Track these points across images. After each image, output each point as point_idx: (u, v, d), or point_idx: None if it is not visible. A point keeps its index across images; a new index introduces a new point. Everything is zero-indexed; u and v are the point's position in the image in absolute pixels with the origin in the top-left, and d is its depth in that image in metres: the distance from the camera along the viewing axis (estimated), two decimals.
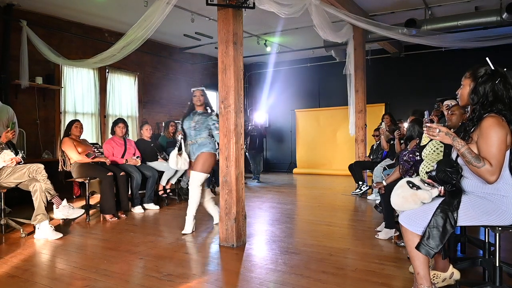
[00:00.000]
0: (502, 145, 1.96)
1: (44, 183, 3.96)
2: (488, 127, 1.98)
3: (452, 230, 2.01)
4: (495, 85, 2.05)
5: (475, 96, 2.10)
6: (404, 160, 3.71)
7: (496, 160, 1.95)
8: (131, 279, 2.78)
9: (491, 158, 1.96)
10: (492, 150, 1.96)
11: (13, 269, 2.98)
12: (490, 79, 2.07)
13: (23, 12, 6.46)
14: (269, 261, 3.14)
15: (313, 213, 5.27)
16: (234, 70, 3.55)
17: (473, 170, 2.00)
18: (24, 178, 3.98)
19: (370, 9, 6.98)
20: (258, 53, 9.57)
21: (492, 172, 1.96)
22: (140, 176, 5.28)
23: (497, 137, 1.96)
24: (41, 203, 3.90)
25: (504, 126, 1.98)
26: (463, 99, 2.20)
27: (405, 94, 9.38)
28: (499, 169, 1.97)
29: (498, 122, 1.98)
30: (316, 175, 10.23)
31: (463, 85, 2.19)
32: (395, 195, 2.17)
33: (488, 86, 2.06)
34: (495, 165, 1.95)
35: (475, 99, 2.09)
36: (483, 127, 2.00)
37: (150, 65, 8.97)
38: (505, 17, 6.00)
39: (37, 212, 3.89)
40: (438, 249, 1.99)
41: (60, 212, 4.21)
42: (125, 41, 4.38)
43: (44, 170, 4.01)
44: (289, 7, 4.40)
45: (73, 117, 7.10)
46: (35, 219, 3.87)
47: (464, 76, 2.20)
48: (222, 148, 3.64)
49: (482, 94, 2.07)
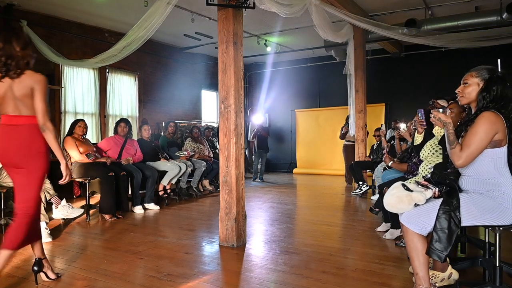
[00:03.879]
0: (483, 138, 2.01)
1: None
2: (481, 118, 2.03)
3: (458, 230, 2.02)
4: (504, 87, 2.09)
5: (487, 95, 2.10)
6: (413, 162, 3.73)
7: (468, 147, 2.03)
8: (131, 279, 2.78)
9: (466, 144, 2.04)
10: (471, 138, 2.03)
11: (13, 269, 2.98)
12: (502, 81, 2.10)
13: (23, 12, 6.46)
14: (269, 261, 3.14)
15: (313, 213, 5.27)
16: (234, 70, 3.55)
17: (448, 151, 2.12)
18: None
19: (370, 9, 6.98)
20: (258, 53, 9.58)
21: (459, 156, 2.05)
22: (140, 175, 5.28)
23: (482, 130, 2.01)
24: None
25: (496, 124, 2.01)
26: (467, 97, 2.19)
27: (405, 94, 9.38)
28: (468, 157, 2.03)
29: (492, 118, 2.01)
30: (316, 175, 10.23)
31: (469, 83, 2.18)
32: (390, 195, 2.19)
33: (500, 87, 2.08)
34: (465, 151, 2.03)
35: (487, 98, 2.09)
36: (477, 118, 2.05)
37: (150, 65, 8.97)
38: (505, 17, 6.00)
39: None
40: (448, 251, 1.99)
41: (59, 212, 4.21)
42: (125, 41, 4.39)
43: None
44: (289, 7, 4.40)
45: (74, 117, 7.09)
46: None
47: (469, 74, 2.19)
48: (222, 148, 3.65)
49: (495, 94, 2.08)
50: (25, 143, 2.42)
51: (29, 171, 2.43)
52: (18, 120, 2.42)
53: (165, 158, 6.10)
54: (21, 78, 2.40)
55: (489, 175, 2.05)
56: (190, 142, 7.29)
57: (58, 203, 4.18)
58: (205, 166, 6.70)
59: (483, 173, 2.07)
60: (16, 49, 2.41)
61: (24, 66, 2.43)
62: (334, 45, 7.90)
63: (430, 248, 2.02)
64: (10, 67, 2.37)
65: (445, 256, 2.00)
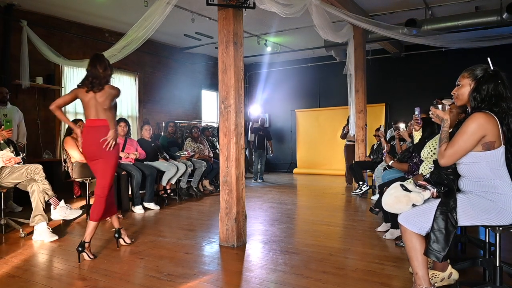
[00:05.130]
0: (467, 138, 1.99)
1: (42, 184, 3.93)
2: (469, 119, 2.01)
3: (455, 230, 2.01)
4: (498, 85, 2.04)
5: (477, 95, 2.07)
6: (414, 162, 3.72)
7: (452, 147, 2.03)
8: (131, 279, 2.78)
9: (451, 143, 2.04)
10: (457, 138, 2.02)
11: (13, 269, 2.99)
12: (492, 79, 2.06)
13: (23, 12, 6.46)
14: (269, 261, 3.14)
15: (313, 213, 5.27)
16: (234, 70, 3.55)
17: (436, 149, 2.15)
18: (22, 178, 3.96)
19: (370, 9, 6.98)
20: (258, 53, 9.58)
21: (442, 155, 2.06)
22: (140, 174, 5.28)
23: (468, 130, 1.99)
24: (39, 203, 3.86)
25: (485, 125, 1.97)
26: (461, 98, 2.19)
27: (405, 94, 9.38)
28: (451, 156, 2.04)
29: (481, 119, 1.98)
30: (316, 175, 10.23)
31: (461, 85, 2.17)
32: (388, 195, 2.19)
33: (491, 86, 2.04)
34: (449, 150, 2.03)
35: (478, 98, 2.07)
36: (467, 119, 2.03)
37: (150, 65, 8.97)
38: (505, 17, 6.00)
39: (35, 213, 3.84)
40: (445, 251, 1.99)
41: (57, 213, 4.19)
42: (125, 41, 4.39)
43: (42, 170, 3.99)
44: (289, 7, 4.40)
45: (74, 117, 7.10)
46: (33, 220, 3.81)
47: (462, 76, 2.18)
48: (222, 148, 3.64)
49: (486, 93, 2.05)
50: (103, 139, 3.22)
51: (106, 161, 3.24)
52: (99, 123, 3.24)
53: (164, 158, 6.10)
54: (101, 91, 3.22)
55: (485, 177, 2.04)
56: (190, 142, 7.30)
57: (57, 204, 4.15)
58: (205, 166, 6.70)
59: (479, 175, 2.05)
60: (99, 71, 3.23)
61: (104, 83, 3.26)
62: (334, 45, 7.90)
63: (428, 248, 2.02)
64: (94, 84, 3.20)
65: (443, 256, 2.00)
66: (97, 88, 3.20)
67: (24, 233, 3.94)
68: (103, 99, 3.21)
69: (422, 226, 2.07)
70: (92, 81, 3.21)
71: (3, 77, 6.07)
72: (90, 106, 3.23)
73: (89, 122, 3.27)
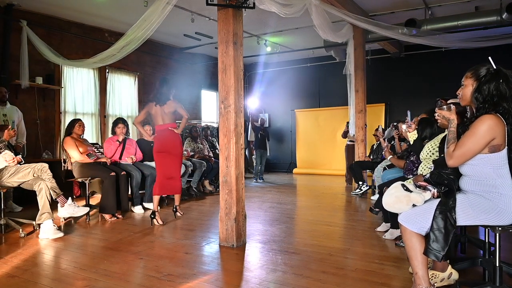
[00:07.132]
0: (477, 141, 1.98)
1: (49, 182, 4.02)
2: (479, 121, 1.99)
3: (454, 230, 2.01)
4: (499, 84, 2.02)
5: (479, 95, 2.06)
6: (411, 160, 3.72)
7: (460, 148, 2.01)
8: (131, 279, 2.78)
9: (459, 145, 2.03)
10: (465, 140, 2.01)
11: (13, 269, 2.98)
12: (494, 78, 2.04)
13: (23, 12, 6.46)
14: (269, 261, 3.14)
15: (313, 213, 5.27)
16: (234, 70, 3.55)
17: (445, 149, 2.12)
18: (29, 177, 4.01)
19: (370, 9, 6.98)
20: (258, 53, 9.57)
21: (451, 155, 2.05)
22: (140, 174, 5.28)
23: (478, 132, 1.97)
24: (46, 202, 3.92)
25: (495, 128, 1.96)
26: (465, 99, 2.18)
27: (405, 94, 9.38)
28: (459, 157, 2.02)
29: (492, 122, 1.96)
30: (316, 175, 10.23)
31: (465, 85, 2.17)
32: (388, 195, 2.19)
33: (492, 85, 2.03)
34: (457, 151, 2.02)
35: (480, 98, 2.06)
36: (477, 120, 2.01)
37: (150, 65, 8.97)
38: (505, 17, 6.00)
39: (42, 211, 3.90)
40: (445, 251, 1.99)
41: (65, 210, 4.26)
42: (125, 41, 4.38)
43: (48, 169, 4.08)
44: (289, 7, 4.40)
45: (73, 117, 7.09)
46: (40, 218, 3.89)
47: (465, 76, 2.17)
48: (222, 148, 3.64)
49: (487, 93, 2.04)
50: (174, 138, 4.51)
51: (175, 155, 4.51)
52: (167, 126, 4.48)
53: None
54: (166, 105, 4.47)
55: (487, 176, 2.04)
56: (190, 142, 7.29)
57: (64, 202, 4.24)
58: (205, 166, 6.70)
59: (481, 174, 2.05)
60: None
61: (167, 99, 4.49)
62: (334, 45, 7.90)
63: (428, 248, 2.02)
64: (166, 101, 4.50)
65: (443, 256, 2.00)
66: (162, 103, 4.51)
67: (24, 233, 3.95)
68: (168, 110, 4.54)
69: (422, 225, 2.07)
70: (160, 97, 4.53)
71: (3, 77, 6.07)
72: (158, 116, 4.53)
73: (158, 127, 4.55)
